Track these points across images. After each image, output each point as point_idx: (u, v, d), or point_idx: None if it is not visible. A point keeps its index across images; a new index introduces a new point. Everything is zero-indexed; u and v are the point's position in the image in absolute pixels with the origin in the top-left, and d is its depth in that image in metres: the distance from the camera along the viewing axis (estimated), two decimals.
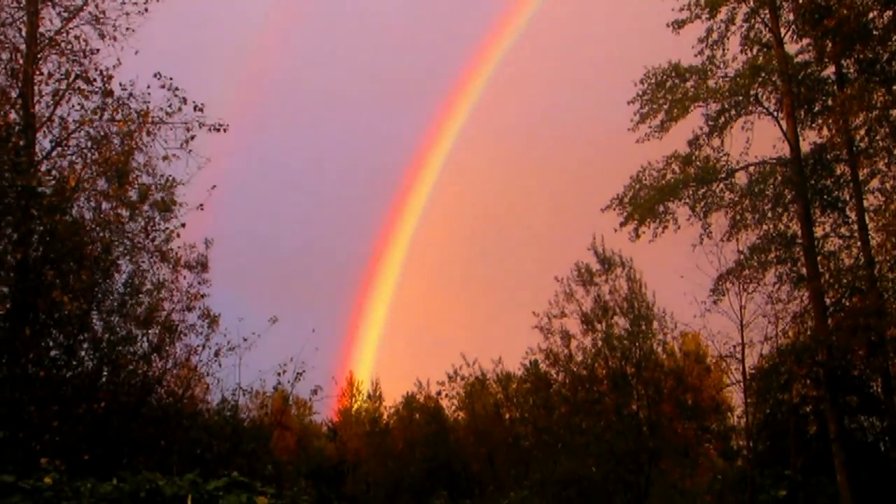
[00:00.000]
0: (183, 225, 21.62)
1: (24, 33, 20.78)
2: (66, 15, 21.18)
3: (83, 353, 19.87)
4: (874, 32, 24.50)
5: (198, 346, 22.08)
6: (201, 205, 21.62)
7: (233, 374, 22.87)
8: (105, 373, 20.19)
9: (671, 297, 41.90)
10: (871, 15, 24.36)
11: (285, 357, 23.02)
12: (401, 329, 68.70)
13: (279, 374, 23.14)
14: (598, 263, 40.89)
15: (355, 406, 62.07)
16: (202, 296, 22.40)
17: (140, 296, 21.25)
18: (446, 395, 52.45)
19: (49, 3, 21.18)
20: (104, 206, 20.56)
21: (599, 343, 40.18)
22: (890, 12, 24.16)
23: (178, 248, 22.10)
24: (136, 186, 20.89)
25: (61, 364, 19.25)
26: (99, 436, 18.71)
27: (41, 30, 21.07)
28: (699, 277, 32.67)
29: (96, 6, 21.28)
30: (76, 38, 21.13)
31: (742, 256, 31.64)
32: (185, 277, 22.37)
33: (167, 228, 21.53)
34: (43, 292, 18.13)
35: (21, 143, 19.35)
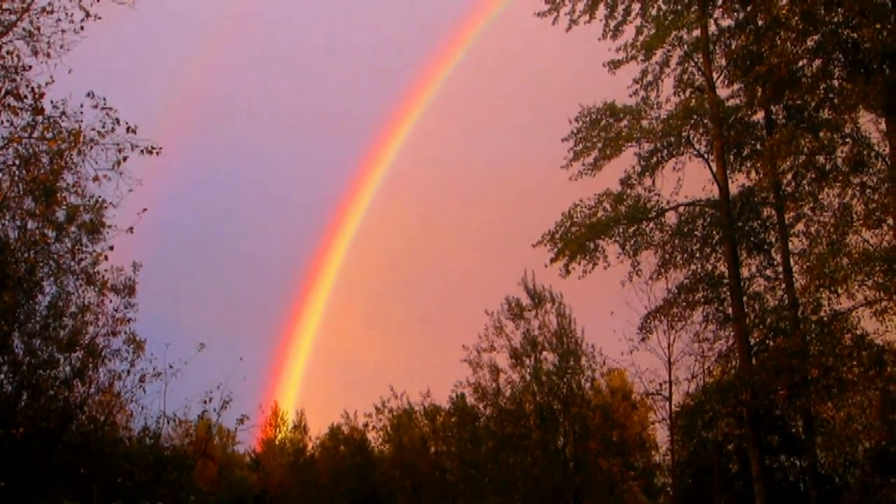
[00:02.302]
0: (111, 248, 21.18)
1: None
2: None
3: (2, 376, 19.36)
4: (803, 80, 25.05)
5: (122, 371, 21.62)
6: (131, 228, 21.22)
7: (157, 402, 22.43)
8: (24, 397, 19.68)
9: (600, 333, 42.28)
10: (800, 63, 24.92)
11: (212, 385, 22.66)
12: (327, 360, 68.39)
13: (205, 403, 22.75)
14: (528, 298, 41.17)
15: (279, 436, 61.45)
16: (128, 320, 21.98)
17: (64, 318, 20.78)
18: (373, 427, 52.20)
19: None
20: (30, 225, 20.11)
21: (528, 378, 40.35)
22: (818, 61, 24.75)
23: (106, 270, 21.68)
24: (65, 206, 20.44)
25: None
26: (17, 462, 18.21)
27: None
28: (628, 314, 33.11)
29: (31, 22, 20.88)
30: (8, 53, 20.72)
31: (670, 295, 32.06)
32: (111, 301, 21.94)
33: (94, 251, 21.09)
34: None
35: None
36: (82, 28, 21.06)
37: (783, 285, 29.93)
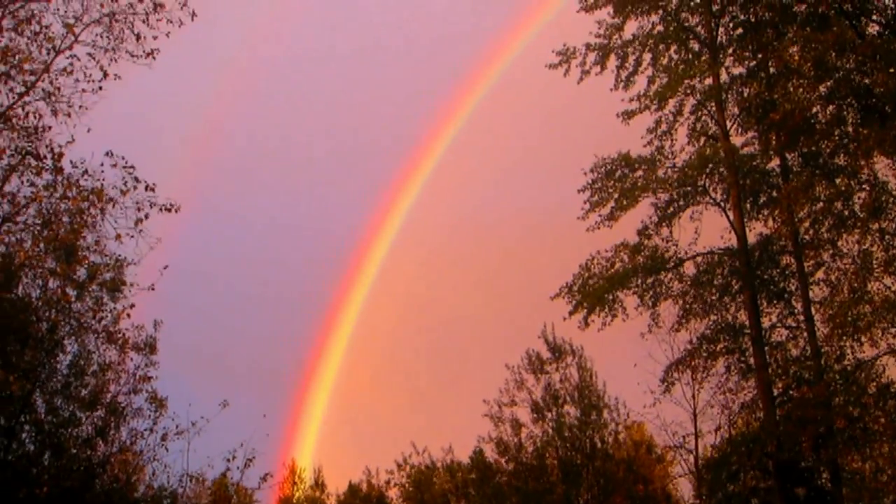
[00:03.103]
0: (132, 305, 21.29)
1: None
2: (18, 90, 21.07)
3: (24, 435, 19.37)
4: (817, 126, 25.06)
5: (144, 430, 21.61)
6: (152, 285, 21.37)
7: (181, 460, 22.37)
8: (47, 456, 19.66)
9: (623, 385, 41.98)
10: (814, 109, 24.97)
11: (233, 442, 22.59)
12: (346, 416, 67.95)
13: (228, 461, 22.66)
14: (548, 351, 41.00)
15: (297, 494, 60.93)
16: (149, 378, 22.00)
17: (85, 377, 20.84)
18: (395, 484, 51.74)
19: (2, 80, 21.07)
20: (51, 284, 20.25)
21: (550, 432, 40.05)
22: (832, 107, 24.78)
23: (126, 329, 21.76)
24: (86, 265, 20.57)
25: (1, 447, 18.75)
26: None
27: None
28: (651, 365, 32.89)
29: (50, 82, 21.22)
30: (29, 113, 21.02)
31: (692, 346, 31.86)
32: (132, 359, 22.00)
33: (115, 309, 21.21)
34: None
35: None
36: (101, 88, 21.44)
37: (805, 334, 29.65)
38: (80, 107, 21.18)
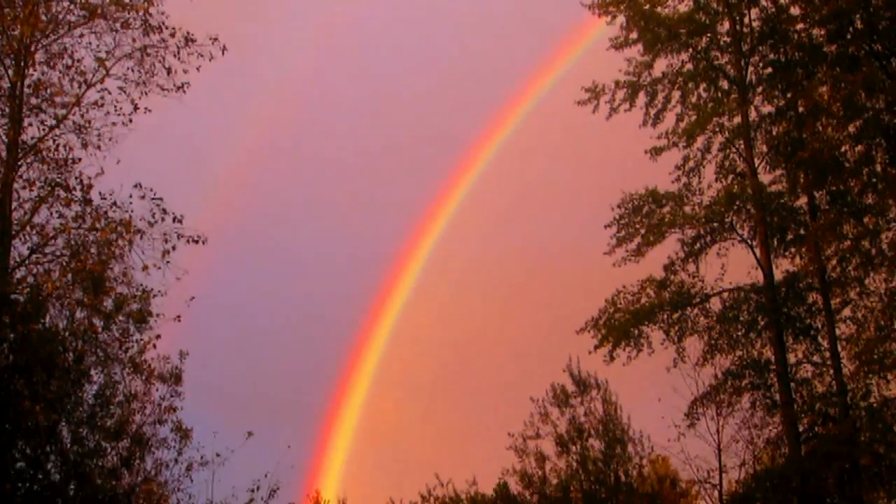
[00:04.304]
0: (158, 336, 21.40)
1: (5, 140, 20.88)
2: (49, 123, 21.37)
3: (50, 465, 19.45)
4: (846, 165, 25.06)
5: (169, 460, 21.64)
6: (178, 316, 21.53)
7: (205, 490, 22.38)
8: (72, 486, 19.73)
9: (647, 419, 41.74)
10: (843, 148, 24.97)
11: (258, 473, 22.59)
12: (371, 448, 67.72)
13: (253, 491, 22.66)
14: (573, 385, 40.91)
15: None
16: (175, 409, 22.05)
17: (111, 407, 20.86)
18: None
19: (34, 113, 21.39)
20: (78, 314, 20.36)
21: (574, 465, 39.91)
22: (861, 147, 24.78)
23: (152, 359, 21.84)
24: (113, 296, 20.75)
25: (27, 477, 18.85)
26: None
27: (23, 137, 21.20)
28: (676, 400, 32.71)
29: (81, 116, 21.52)
30: (59, 146, 21.32)
31: (717, 381, 31.74)
32: (157, 389, 22.03)
33: (141, 339, 21.30)
34: (12, 401, 17.86)
35: None
36: (131, 121, 21.75)
37: (831, 371, 29.49)
38: (110, 139, 21.52)
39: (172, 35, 22.18)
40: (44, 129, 21.36)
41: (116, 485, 20.51)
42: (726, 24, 31.69)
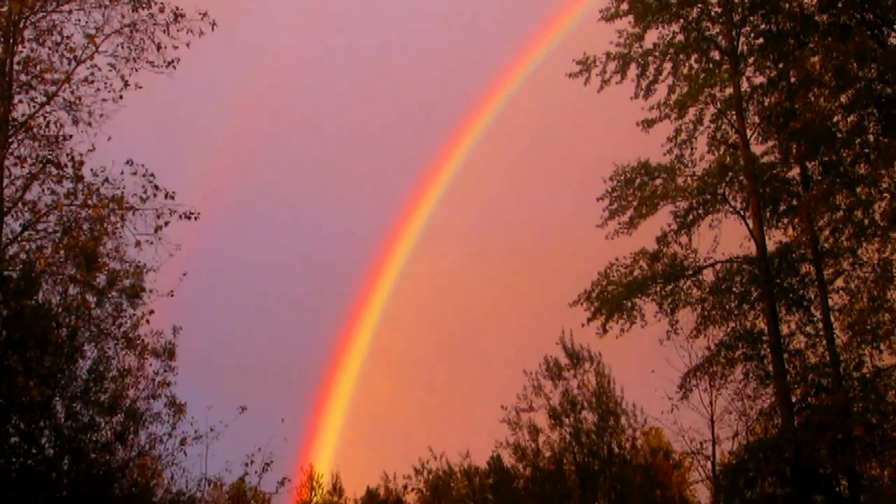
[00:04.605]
0: (151, 311, 21.38)
1: None
2: (40, 100, 21.27)
3: (44, 440, 19.45)
4: (838, 136, 25.01)
5: (163, 434, 21.64)
6: (171, 292, 21.50)
7: (199, 464, 22.38)
8: (66, 461, 19.73)
9: (640, 391, 41.92)
10: (835, 118, 24.91)
11: (252, 447, 22.61)
12: (364, 421, 68.01)
13: (246, 465, 22.69)
14: (566, 358, 41.02)
15: (314, 500, 60.93)
16: (168, 383, 22.04)
17: (105, 382, 20.82)
18: (412, 489, 51.78)
19: (24, 90, 21.27)
20: (71, 290, 20.32)
21: (567, 438, 40.08)
22: (853, 117, 24.71)
23: (146, 334, 21.82)
24: (105, 272, 20.69)
25: (21, 452, 18.83)
26: None
27: (14, 114, 21.11)
28: (669, 372, 32.83)
29: (71, 92, 21.42)
30: (50, 123, 21.22)
31: (710, 352, 31.82)
32: (151, 365, 22.01)
33: (135, 315, 21.29)
34: (6, 377, 17.85)
35: None
36: (122, 97, 21.64)
37: (824, 342, 29.57)
38: (101, 116, 21.43)
39: (161, 10, 22.07)
40: (34, 106, 21.31)
41: (110, 459, 20.51)
42: None
